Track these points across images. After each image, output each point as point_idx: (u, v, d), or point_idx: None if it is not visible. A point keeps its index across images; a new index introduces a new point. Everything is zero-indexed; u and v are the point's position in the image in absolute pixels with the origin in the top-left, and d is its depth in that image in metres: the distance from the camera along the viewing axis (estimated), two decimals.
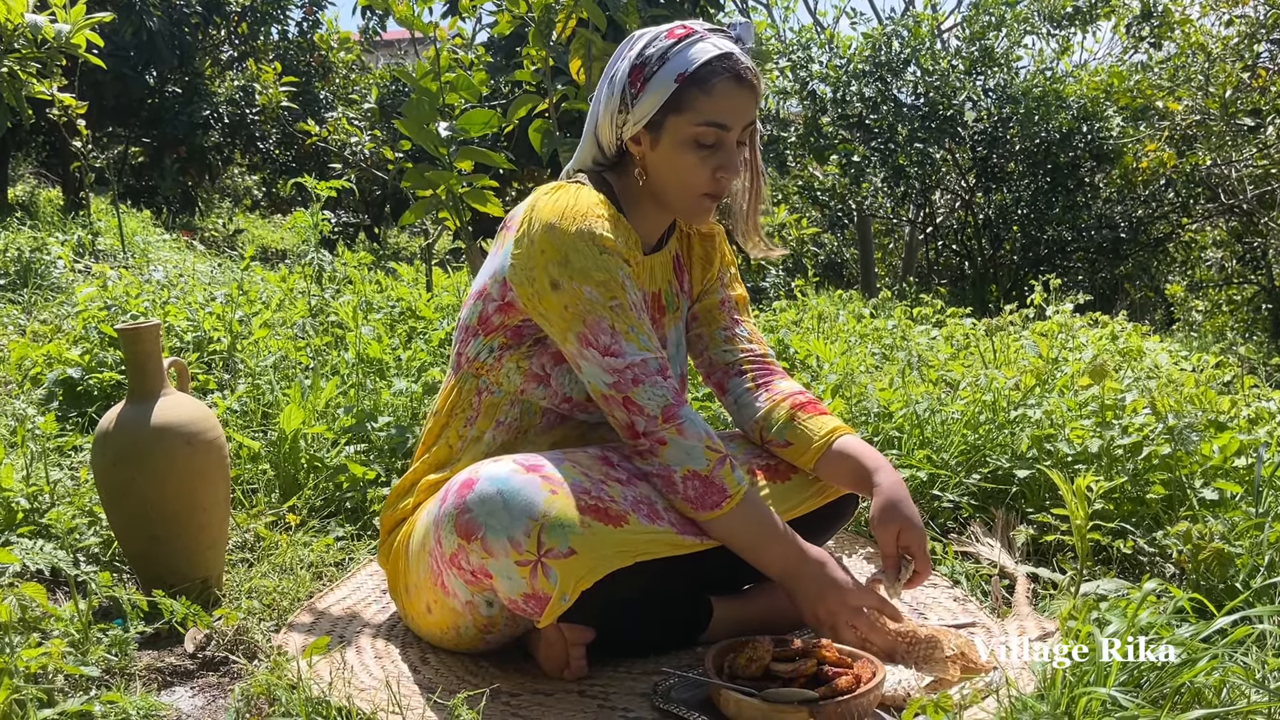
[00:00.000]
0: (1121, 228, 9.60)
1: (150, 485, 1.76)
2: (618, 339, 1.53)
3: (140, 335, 1.81)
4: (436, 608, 1.58)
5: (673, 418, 1.53)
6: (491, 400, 1.66)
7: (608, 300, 1.53)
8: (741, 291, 1.86)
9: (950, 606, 1.82)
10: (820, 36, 10.42)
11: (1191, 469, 2.09)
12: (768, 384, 1.80)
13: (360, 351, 3.02)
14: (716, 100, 1.55)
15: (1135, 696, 1.25)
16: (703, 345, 1.84)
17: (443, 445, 1.69)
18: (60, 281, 4.66)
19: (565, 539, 1.41)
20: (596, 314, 1.53)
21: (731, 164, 1.59)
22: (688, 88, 1.55)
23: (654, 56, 1.58)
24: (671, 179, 1.61)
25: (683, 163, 1.59)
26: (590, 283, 1.53)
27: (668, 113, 1.57)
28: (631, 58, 1.60)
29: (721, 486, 1.52)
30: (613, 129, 1.63)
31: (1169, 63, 9.06)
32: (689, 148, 1.58)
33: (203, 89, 9.90)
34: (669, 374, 1.56)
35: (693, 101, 1.55)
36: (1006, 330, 3.76)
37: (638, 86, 1.58)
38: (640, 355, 1.53)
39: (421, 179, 2.78)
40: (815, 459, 1.71)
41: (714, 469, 1.52)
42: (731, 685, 1.39)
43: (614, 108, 1.61)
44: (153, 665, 1.60)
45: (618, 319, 1.53)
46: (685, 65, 1.55)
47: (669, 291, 1.76)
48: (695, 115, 1.56)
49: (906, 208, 11.02)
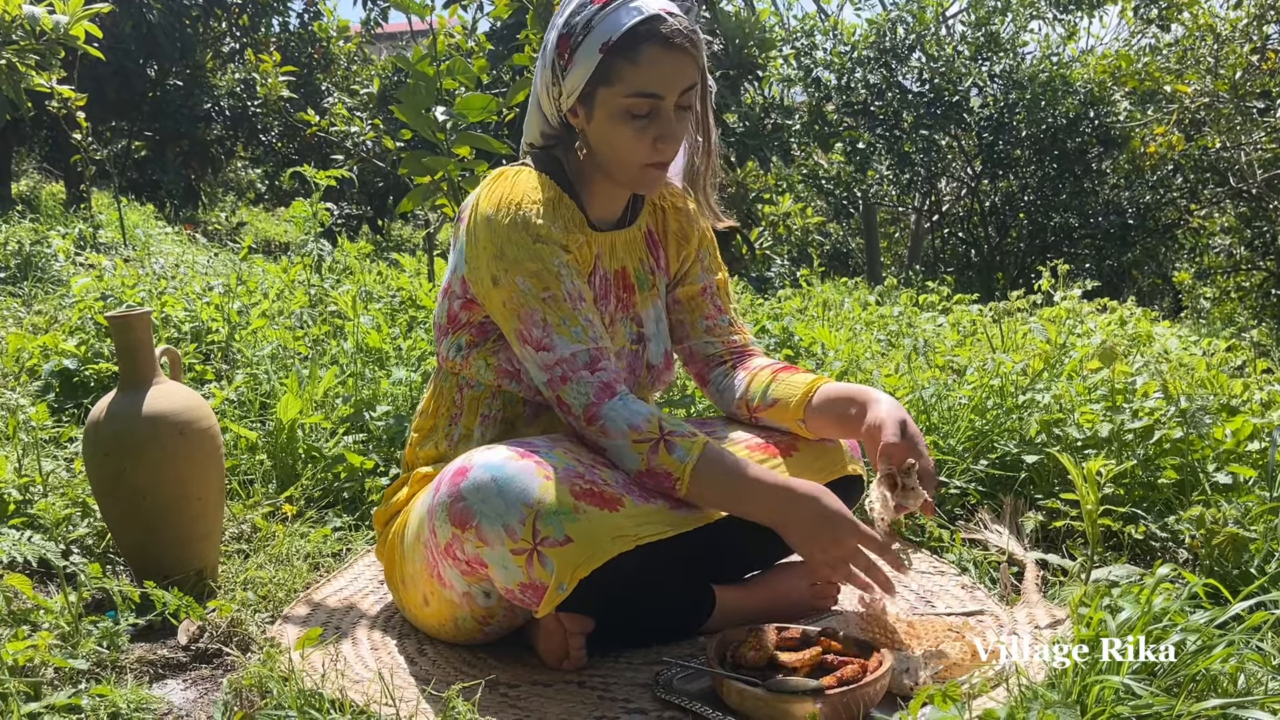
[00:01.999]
0: (1129, 214, 9.54)
1: (142, 475, 1.73)
2: (549, 332, 1.49)
3: (130, 324, 1.78)
4: (434, 599, 1.55)
5: (594, 419, 1.48)
6: (473, 395, 1.64)
7: (540, 291, 1.49)
8: (722, 275, 1.81)
9: (958, 594, 1.78)
10: (824, 23, 10.35)
11: (1204, 453, 2.05)
12: (745, 364, 1.77)
13: (359, 341, 2.99)
14: (644, 69, 1.47)
15: (1149, 684, 1.21)
16: (684, 333, 1.79)
17: (431, 446, 1.67)
18: (60, 275, 4.63)
19: (561, 526, 1.38)
20: (529, 306, 1.50)
21: (670, 133, 1.51)
22: (613, 58, 1.47)
23: (579, 25, 1.50)
24: (610, 152, 1.54)
25: (618, 135, 1.52)
26: (523, 273, 1.50)
27: (596, 85, 1.50)
28: (559, 26, 1.54)
29: (665, 473, 1.46)
30: (551, 101, 1.58)
31: (1177, 45, 8.98)
32: (623, 120, 1.50)
33: (204, 82, 9.88)
34: (600, 365, 1.50)
35: (620, 72, 1.48)
36: (1014, 316, 3.72)
37: (565, 58, 1.52)
38: (570, 349, 1.49)
39: (419, 165, 2.75)
40: (802, 408, 1.65)
41: (649, 461, 1.46)
42: (735, 675, 1.36)
43: (548, 80, 1.56)
44: (144, 658, 1.57)
45: (549, 310, 1.49)
46: (609, 33, 1.47)
47: (640, 269, 1.71)
48: (624, 86, 1.48)
49: (912, 195, 10.96)
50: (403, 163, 2.83)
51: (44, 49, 4.84)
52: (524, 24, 2.87)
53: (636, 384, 1.70)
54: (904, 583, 1.85)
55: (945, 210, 11.33)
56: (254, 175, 12.58)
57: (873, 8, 12.35)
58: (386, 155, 8.91)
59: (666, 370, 1.74)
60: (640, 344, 1.69)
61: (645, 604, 1.56)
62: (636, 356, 1.69)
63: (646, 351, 1.70)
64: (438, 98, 2.78)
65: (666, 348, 1.74)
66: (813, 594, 1.71)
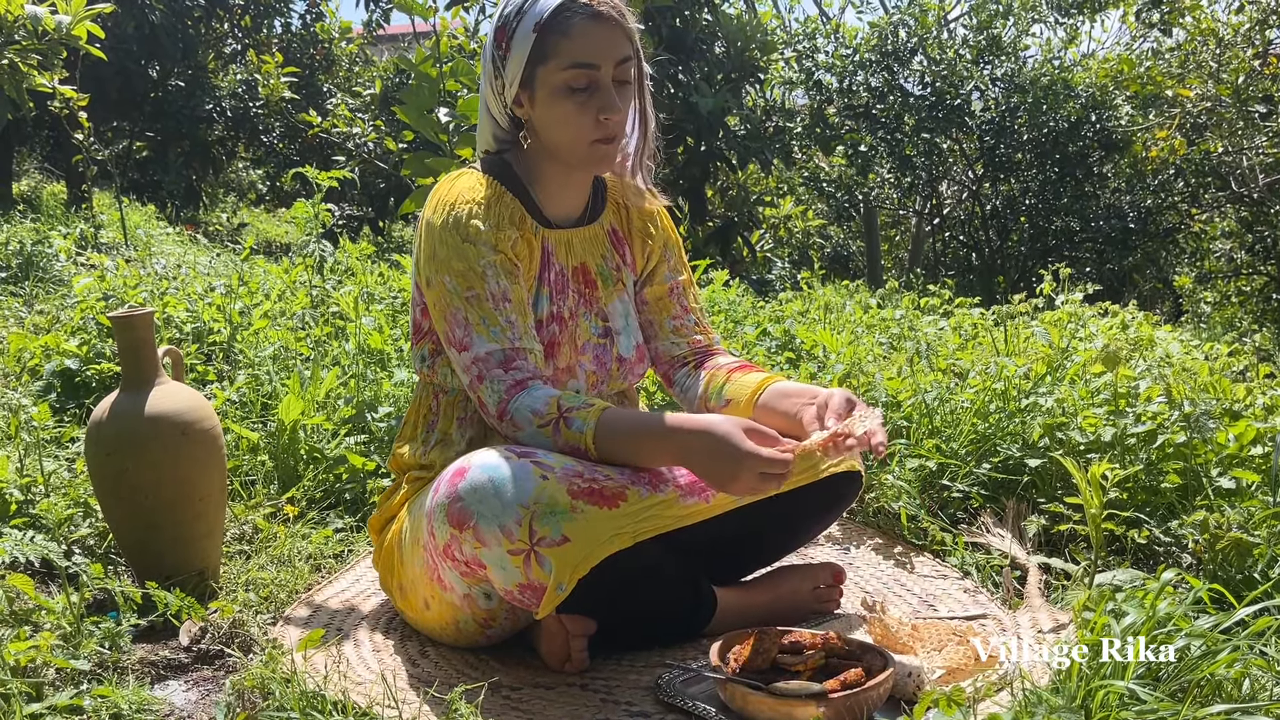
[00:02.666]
0: (1130, 218, 9.52)
1: (144, 475, 1.73)
2: (469, 331, 1.52)
3: (133, 323, 1.78)
4: (435, 603, 1.55)
5: (504, 414, 1.51)
6: (449, 400, 1.66)
7: (464, 291, 1.53)
8: (687, 275, 1.83)
9: (961, 598, 1.78)
10: (826, 26, 10.35)
11: (1207, 458, 2.04)
12: (707, 363, 1.78)
13: (361, 342, 2.98)
14: (575, 40, 1.52)
15: (1154, 689, 1.21)
16: (651, 333, 1.80)
17: (410, 452, 1.68)
18: (61, 275, 4.63)
19: (558, 526, 1.38)
20: (454, 305, 1.53)
21: (610, 103, 1.54)
22: (546, 35, 1.52)
23: (512, 14, 1.55)
24: (557, 132, 1.57)
25: (561, 112, 1.55)
26: (450, 273, 1.53)
27: (534, 65, 1.54)
28: (496, 22, 1.58)
29: (575, 446, 1.48)
30: (496, 99, 1.61)
31: (1179, 49, 8.97)
32: (563, 95, 1.54)
33: (206, 82, 9.87)
34: (515, 364, 1.52)
35: (554, 47, 1.52)
36: (1016, 320, 3.71)
37: (503, 48, 1.56)
38: (486, 348, 1.52)
39: (422, 166, 2.75)
40: (750, 405, 1.65)
41: (556, 441, 1.49)
42: (737, 678, 1.35)
43: (490, 76, 1.59)
44: (146, 658, 1.57)
45: (471, 310, 1.52)
46: (540, 13, 1.52)
47: (603, 266, 1.72)
48: (559, 60, 1.52)
49: (913, 198, 10.95)
50: (405, 164, 2.83)
51: (46, 49, 4.84)
52: None
53: (607, 377, 1.71)
54: (907, 586, 1.85)
55: (946, 213, 11.32)
56: (255, 176, 12.57)
57: (874, 11, 12.36)
58: (388, 156, 8.92)
59: (639, 363, 1.75)
60: (608, 338, 1.70)
61: (647, 606, 1.55)
62: (605, 350, 1.70)
63: (616, 345, 1.71)
64: (440, 99, 2.78)
65: (638, 341, 1.75)
66: (815, 596, 1.71)
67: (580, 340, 1.67)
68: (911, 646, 1.49)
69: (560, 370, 1.65)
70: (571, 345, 1.66)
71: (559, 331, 1.64)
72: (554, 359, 1.64)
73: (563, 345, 1.65)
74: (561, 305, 1.65)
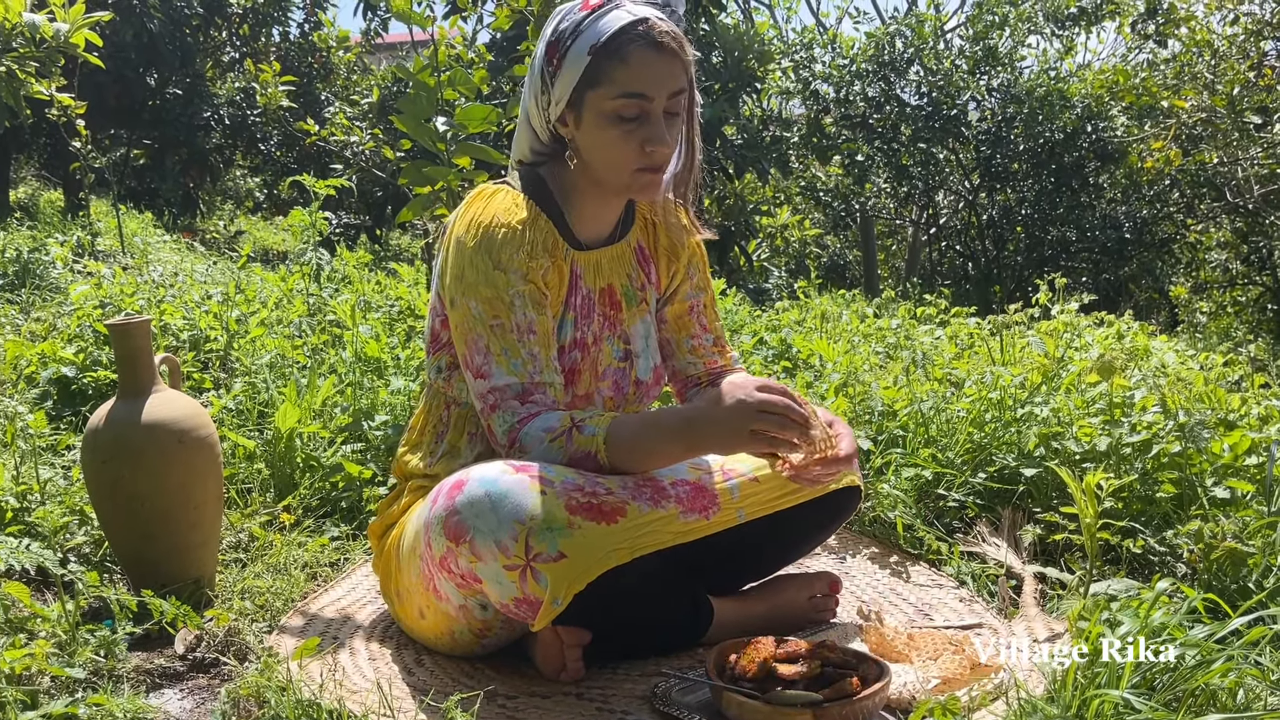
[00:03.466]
0: (1126, 228, 9.55)
1: (141, 483, 1.73)
2: (489, 360, 1.51)
3: (130, 331, 1.78)
4: (430, 612, 1.55)
5: (514, 443, 1.50)
6: (460, 413, 1.64)
7: (489, 318, 1.51)
8: (710, 292, 1.81)
9: (956, 607, 1.78)
10: (822, 37, 10.38)
11: (1202, 467, 2.05)
12: (722, 380, 1.76)
13: (358, 350, 2.99)
14: (633, 69, 1.47)
15: (1149, 699, 1.21)
16: (669, 352, 1.79)
17: (418, 460, 1.66)
18: (58, 282, 4.63)
19: (554, 542, 1.38)
20: (476, 332, 1.51)
21: (659, 135, 1.50)
22: (602, 59, 1.47)
23: (568, 31, 1.50)
24: (600, 157, 1.54)
25: (607, 139, 1.51)
26: (477, 298, 1.51)
27: (585, 88, 1.49)
28: (548, 36, 1.53)
29: (586, 453, 1.47)
30: (540, 114, 1.57)
31: (1174, 61, 9.01)
32: (611, 123, 1.50)
33: (204, 90, 9.88)
34: (532, 398, 1.51)
35: (609, 73, 1.47)
36: (1012, 329, 3.72)
37: (554, 65, 1.51)
38: (505, 380, 1.50)
39: (419, 175, 2.75)
40: None
41: (568, 451, 1.48)
42: (734, 687, 1.35)
43: (537, 89, 1.55)
44: (141, 667, 1.57)
45: (494, 338, 1.51)
46: (598, 36, 1.47)
47: (628, 285, 1.69)
48: (612, 88, 1.48)
49: (910, 208, 10.98)
50: (403, 173, 2.83)
51: (44, 56, 4.85)
52: (524, 35, 2.88)
53: (623, 401, 1.69)
54: (903, 595, 1.85)
55: (943, 223, 11.35)
56: (253, 184, 12.58)
57: (871, 21, 12.39)
58: (386, 165, 8.92)
59: (655, 385, 1.74)
60: (628, 361, 1.69)
61: (643, 616, 1.55)
62: (624, 374, 1.68)
63: (635, 368, 1.69)
64: (438, 108, 2.78)
65: (655, 363, 1.74)
66: (811, 606, 1.71)
67: (601, 366, 1.65)
68: (907, 655, 1.50)
69: (579, 398, 1.63)
70: (592, 372, 1.64)
71: (580, 358, 1.62)
72: (573, 386, 1.62)
73: (583, 372, 1.63)
74: (586, 331, 1.63)
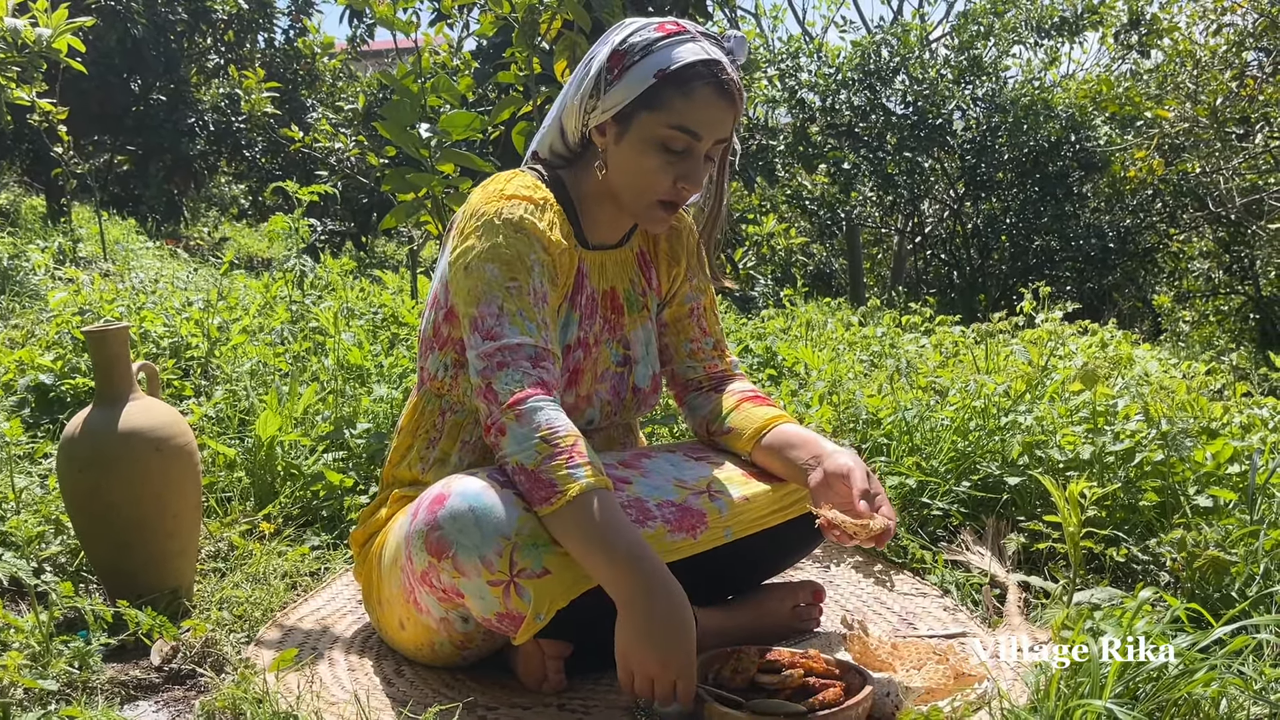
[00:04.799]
0: (1109, 237, 9.61)
1: (117, 491, 1.71)
2: (502, 321, 1.45)
3: (107, 338, 1.76)
4: (410, 624, 1.53)
5: (516, 404, 1.40)
6: (455, 420, 1.61)
7: (506, 279, 1.46)
8: (710, 295, 1.80)
9: (940, 616, 1.77)
10: (808, 45, 10.42)
11: (1185, 476, 2.05)
12: (723, 387, 1.76)
13: (340, 358, 2.97)
14: (694, 106, 1.48)
15: (1132, 708, 1.20)
16: (668, 356, 1.79)
17: (405, 466, 1.64)
18: (38, 289, 4.59)
19: (539, 558, 1.36)
20: (492, 293, 1.46)
21: (695, 175, 1.51)
22: (666, 86, 1.48)
23: (637, 46, 1.51)
24: (630, 178, 1.54)
25: (646, 164, 1.51)
26: (496, 260, 1.47)
27: (640, 107, 1.49)
28: (614, 43, 1.53)
29: (549, 482, 1.35)
30: (580, 114, 1.56)
31: (1157, 71, 9.08)
32: (655, 149, 1.50)
33: (188, 96, 9.85)
34: (544, 364, 1.44)
35: (668, 101, 1.48)
36: (996, 338, 3.73)
37: (614, 73, 1.51)
38: (519, 339, 1.44)
39: (403, 181, 2.74)
40: (752, 442, 1.64)
41: (542, 463, 1.36)
42: (716, 695, 1.34)
43: (586, 91, 1.54)
44: (116, 678, 1.54)
45: (509, 299, 1.46)
46: (668, 62, 1.48)
47: (630, 290, 1.69)
48: (668, 116, 1.48)
49: (895, 217, 11.02)
50: (386, 179, 2.82)
51: (26, 61, 4.82)
52: (509, 43, 2.88)
53: (621, 407, 1.68)
54: (887, 604, 1.85)
55: (928, 232, 11.39)
56: (237, 191, 12.54)
57: (857, 30, 12.44)
58: (371, 172, 8.90)
59: (653, 394, 1.73)
60: (626, 366, 1.68)
61: None
62: (622, 379, 1.67)
63: (633, 374, 1.68)
64: (422, 114, 2.77)
65: (655, 371, 1.73)
66: (795, 615, 1.70)
67: (600, 369, 1.64)
68: (891, 665, 1.49)
69: (580, 399, 1.62)
70: (592, 374, 1.63)
71: (583, 358, 1.61)
72: (575, 387, 1.61)
73: (585, 373, 1.62)
74: (588, 331, 1.62)
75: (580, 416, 1.63)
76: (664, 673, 1.31)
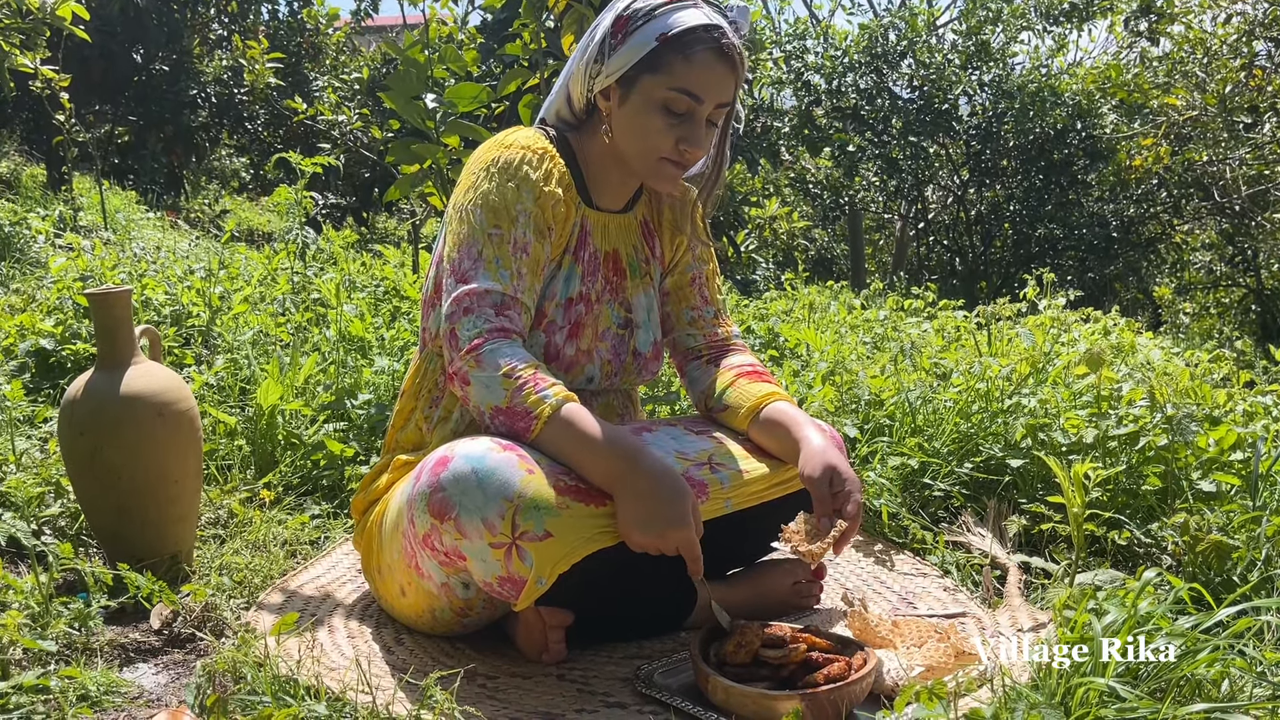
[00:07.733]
0: (1112, 226, 9.59)
1: (118, 455, 1.70)
2: (478, 265, 1.49)
3: (111, 301, 1.75)
4: (411, 590, 1.53)
5: (475, 349, 1.45)
6: None
7: (490, 225, 1.51)
8: (713, 264, 1.81)
9: (940, 596, 1.77)
10: (815, 28, 10.37)
11: (1188, 461, 2.05)
12: (722, 359, 1.77)
13: (342, 329, 2.96)
14: (694, 69, 1.51)
15: (1135, 688, 1.20)
16: (669, 325, 1.80)
17: (412, 428, 1.65)
18: (39, 256, 4.57)
19: (541, 521, 1.36)
20: (474, 238, 1.50)
21: (696, 138, 1.54)
22: (667, 49, 1.51)
23: (641, 11, 1.54)
24: (634, 140, 1.56)
25: (648, 125, 1.54)
26: (484, 206, 1.51)
27: (642, 71, 1.52)
28: (618, 9, 1.56)
29: (524, 411, 1.42)
30: (585, 79, 1.59)
31: (1166, 59, 9.03)
32: (657, 111, 1.53)
33: (190, 68, 9.78)
34: (512, 311, 1.49)
35: (670, 65, 1.51)
36: (999, 322, 3.72)
37: (618, 38, 1.54)
38: (488, 284, 1.48)
39: (407, 153, 2.72)
40: (748, 420, 1.66)
41: (512, 397, 1.42)
42: (718, 670, 1.34)
43: (591, 56, 1.57)
44: (116, 641, 1.54)
45: (489, 245, 1.50)
46: (669, 26, 1.51)
47: (633, 256, 1.71)
48: (670, 79, 1.51)
49: (899, 203, 10.99)
50: (390, 150, 2.80)
51: (29, 28, 4.79)
52: (514, 17, 2.85)
53: (621, 369, 1.69)
54: (887, 583, 1.84)
55: (931, 218, 11.36)
56: (239, 164, 12.48)
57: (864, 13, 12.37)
58: (374, 145, 8.86)
59: (654, 360, 1.73)
60: (627, 329, 1.69)
61: (626, 598, 1.54)
62: (623, 341, 1.68)
63: (634, 338, 1.69)
64: (428, 85, 2.75)
65: (656, 338, 1.73)
66: (795, 592, 1.70)
67: (601, 326, 1.66)
68: (891, 642, 1.49)
69: (580, 353, 1.63)
70: (593, 329, 1.64)
71: (584, 313, 1.63)
72: (576, 340, 1.62)
73: (585, 328, 1.63)
74: (590, 287, 1.64)
75: (580, 373, 1.63)
76: (664, 544, 1.39)
